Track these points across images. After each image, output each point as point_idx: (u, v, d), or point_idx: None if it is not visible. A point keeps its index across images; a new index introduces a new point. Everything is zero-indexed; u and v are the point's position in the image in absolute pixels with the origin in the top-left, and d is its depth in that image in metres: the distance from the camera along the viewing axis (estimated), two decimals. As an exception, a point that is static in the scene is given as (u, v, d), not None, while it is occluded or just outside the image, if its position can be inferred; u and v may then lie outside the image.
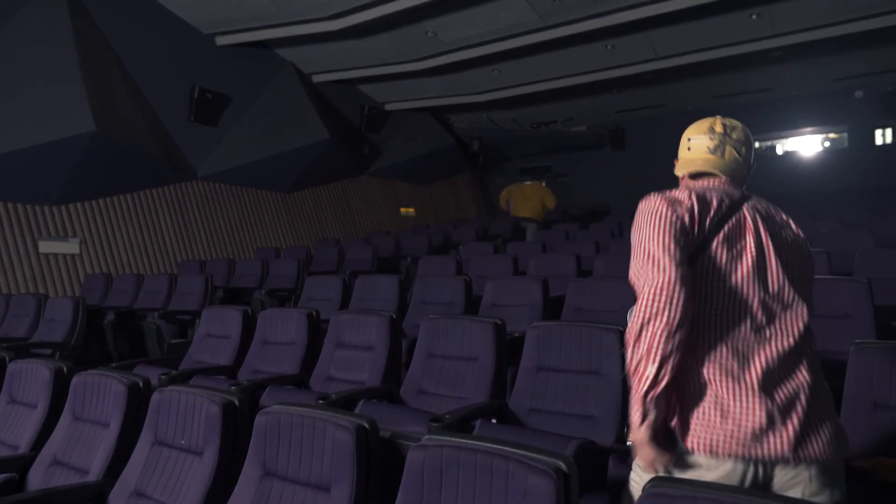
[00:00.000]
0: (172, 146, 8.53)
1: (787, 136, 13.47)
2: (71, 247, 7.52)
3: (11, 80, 6.74)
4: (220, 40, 8.89)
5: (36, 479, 2.43)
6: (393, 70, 10.05)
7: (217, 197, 9.30)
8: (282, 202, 10.32)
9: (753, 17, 8.26)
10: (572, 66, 10.14)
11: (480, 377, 2.90)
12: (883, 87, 11.54)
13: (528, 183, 10.31)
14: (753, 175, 1.65)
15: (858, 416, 2.08)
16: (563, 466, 1.38)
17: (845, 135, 12.69)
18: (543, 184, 11.13)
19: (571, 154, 15.33)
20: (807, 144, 13.42)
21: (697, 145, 1.65)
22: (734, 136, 1.63)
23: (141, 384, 2.43)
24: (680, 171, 1.68)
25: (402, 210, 12.88)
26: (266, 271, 7.31)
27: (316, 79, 10.55)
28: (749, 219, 1.51)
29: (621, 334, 2.61)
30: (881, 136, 12.34)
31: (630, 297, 1.44)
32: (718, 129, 1.63)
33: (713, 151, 1.62)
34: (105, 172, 7.60)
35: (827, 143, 13.25)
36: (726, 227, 1.48)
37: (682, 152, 1.69)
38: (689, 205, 1.49)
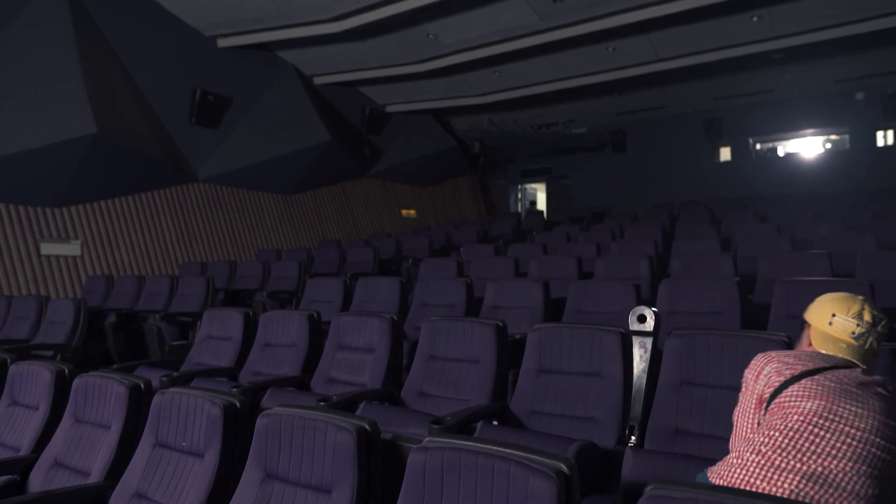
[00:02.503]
0: (174, 148, 8.54)
1: (788, 138, 13.48)
2: (72, 248, 7.53)
3: (13, 82, 6.76)
4: (222, 42, 8.91)
5: (37, 481, 2.43)
6: (394, 72, 10.07)
7: (218, 199, 9.30)
8: (283, 204, 10.32)
9: (754, 18, 8.26)
10: (573, 67, 10.15)
11: (482, 379, 2.90)
12: (884, 89, 11.53)
13: None
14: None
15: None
16: (565, 468, 1.38)
17: (847, 136, 12.69)
18: None
19: (572, 156, 15.34)
20: (808, 146, 13.42)
21: (841, 326, 1.63)
22: (880, 328, 1.62)
23: (142, 386, 2.43)
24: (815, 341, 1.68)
25: (403, 212, 12.89)
26: (267, 273, 7.31)
27: (317, 81, 10.57)
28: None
29: (623, 336, 2.61)
30: (882, 138, 12.34)
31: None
32: (867, 318, 1.62)
33: (857, 338, 1.61)
34: (106, 174, 7.61)
35: (828, 145, 13.25)
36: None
37: (822, 324, 1.67)
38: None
